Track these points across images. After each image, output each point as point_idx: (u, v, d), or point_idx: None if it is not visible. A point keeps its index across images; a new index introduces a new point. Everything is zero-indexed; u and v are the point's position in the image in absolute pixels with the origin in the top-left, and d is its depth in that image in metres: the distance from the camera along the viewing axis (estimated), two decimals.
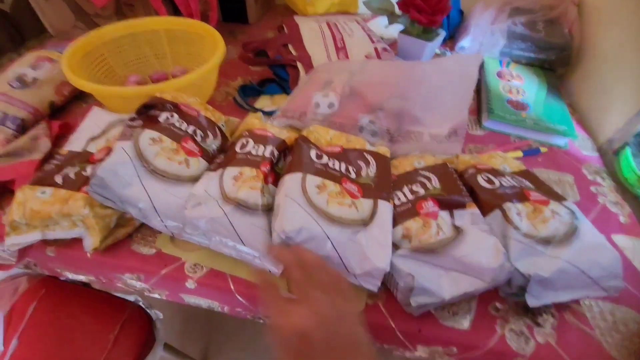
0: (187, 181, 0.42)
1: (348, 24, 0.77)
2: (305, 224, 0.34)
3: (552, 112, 0.64)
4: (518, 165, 0.51)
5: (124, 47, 0.64)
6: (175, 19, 0.66)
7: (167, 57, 0.70)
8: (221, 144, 0.48)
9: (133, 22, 0.64)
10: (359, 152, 0.45)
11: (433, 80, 0.51)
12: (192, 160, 0.44)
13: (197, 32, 0.66)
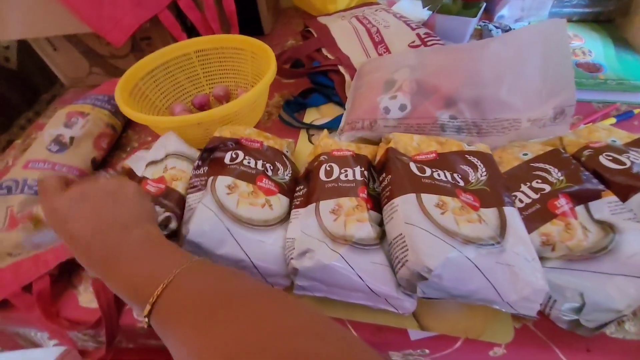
0: (275, 224, 0.37)
1: (378, 14, 0.71)
2: (449, 254, 0.29)
3: (630, 67, 0.58)
4: (627, 135, 0.45)
5: (159, 78, 0.60)
6: (206, 37, 0.61)
7: (201, 79, 0.65)
8: (292, 173, 0.43)
9: (164, 51, 0.59)
10: (459, 155, 0.40)
11: (511, 57, 0.45)
12: (273, 199, 0.38)
13: (233, 46, 0.62)
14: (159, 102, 0.61)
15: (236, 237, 0.34)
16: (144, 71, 0.58)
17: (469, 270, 0.29)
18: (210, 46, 0.63)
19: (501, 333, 0.33)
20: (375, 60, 0.59)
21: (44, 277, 0.39)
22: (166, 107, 0.63)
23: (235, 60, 0.64)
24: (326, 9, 0.80)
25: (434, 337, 0.34)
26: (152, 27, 0.65)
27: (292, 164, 0.45)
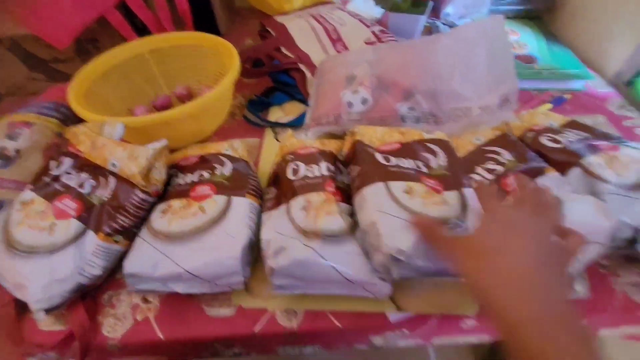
0: (209, 227, 0.36)
1: (334, 13, 0.72)
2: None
3: (560, 58, 0.64)
4: (561, 117, 0.50)
5: (114, 81, 0.56)
6: (161, 36, 0.59)
7: (158, 79, 0.62)
8: (233, 165, 0.43)
9: (116, 51, 0.56)
10: (420, 144, 0.42)
11: (460, 51, 0.49)
12: (207, 202, 0.38)
13: (190, 44, 0.60)
14: (117, 105, 0.58)
15: (170, 256, 0.34)
16: (97, 74, 0.54)
17: None
18: (166, 45, 0.60)
19: (471, 305, 0.36)
20: (335, 57, 0.61)
21: (9, 303, 0.36)
22: (125, 111, 0.59)
23: (194, 57, 0.61)
24: (282, 9, 0.80)
25: (411, 317, 0.36)
26: (98, 28, 0.61)
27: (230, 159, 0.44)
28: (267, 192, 0.42)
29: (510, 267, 0.24)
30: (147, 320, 0.36)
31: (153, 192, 0.40)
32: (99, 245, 0.36)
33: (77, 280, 0.35)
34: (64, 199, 0.37)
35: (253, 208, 0.39)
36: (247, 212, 0.38)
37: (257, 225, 0.39)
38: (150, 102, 0.62)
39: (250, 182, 0.42)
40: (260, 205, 0.41)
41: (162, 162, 0.41)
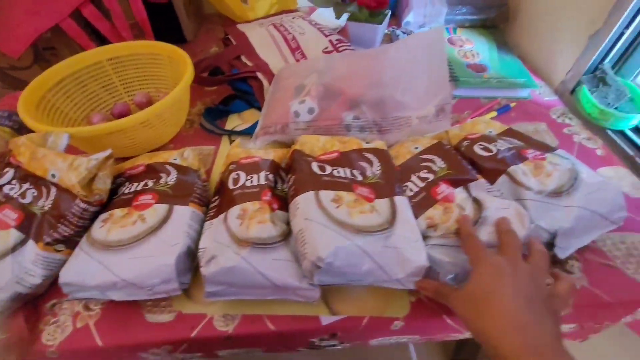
0: (147, 235, 0.37)
1: (294, 22, 0.74)
2: (339, 243, 0.33)
3: (509, 67, 0.67)
4: (500, 126, 0.52)
5: (70, 89, 0.57)
6: (119, 45, 0.60)
7: (118, 87, 0.63)
8: (178, 174, 0.44)
9: (72, 60, 0.57)
10: (358, 153, 0.44)
11: (404, 62, 0.51)
12: (148, 212, 0.39)
13: (148, 52, 0.61)
14: (72, 113, 0.58)
15: (106, 264, 0.35)
16: (52, 82, 0.55)
17: (359, 255, 0.33)
18: (124, 53, 0.61)
19: (399, 308, 0.38)
20: (292, 66, 0.62)
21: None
22: (82, 119, 0.60)
23: (153, 65, 0.63)
24: (246, 17, 0.81)
25: (343, 319, 0.37)
26: (55, 36, 0.62)
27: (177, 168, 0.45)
28: (214, 201, 0.43)
29: (500, 309, 0.28)
30: (86, 327, 0.37)
31: (96, 202, 0.40)
32: (39, 255, 0.37)
33: (15, 289, 0.36)
34: (5, 209, 0.38)
35: (195, 217, 0.41)
36: (187, 220, 0.39)
37: (199, 233, 0.40)
38: (109, 110, 0.62)
39: (195, 191, 0.43)
40: (205, 214, 0.42)
41: (106, 172, 0.42)
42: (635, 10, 0.54)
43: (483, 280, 0.30)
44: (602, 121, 0.58)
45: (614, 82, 0.58)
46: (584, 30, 0.60)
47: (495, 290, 0.29)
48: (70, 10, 0.56)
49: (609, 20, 0.56)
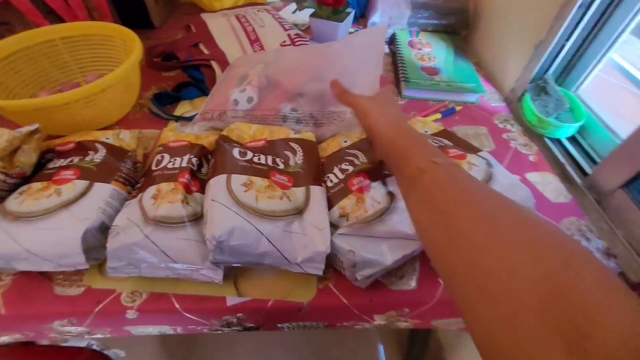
0: (59, 208, 0.37)
1: (258, 14, 0.75)
2: (236, 224, 0.33)
3: (461, 72, 0.69)
4: (437, 126, 0.54)
5: (17, 65, 0.57)
6: (72, 24, 0.60)
7: (72, 67, 0.63)
8: (105, 153, 0.45)
9: (22, 36, 0.57)
10: (284, 142, 0.45)
11: (345, 57, 0.52)
12: (65, 187, 0.39)
13: (101, 34, 0.61)
14: (19, 89, 0.58)
15: (13, 234, 0.35)
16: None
17: (256, 237, 0.34)
18: (77, 33, 0.61)
19: (305, 293, 0.39)
20: (245, 57, 0.63)
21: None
22: (29, 96, 0.60)
23: (107, 47, 0.63)
24: (212, 7, 0.82)
25: (248, 302, 0.38)
26: (9, 11, 0.61)
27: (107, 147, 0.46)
28: (140, 182, 0.44)
29: (388, 110, 0.40)
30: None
31: (15, 174, 0.41)
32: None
33: None
34: None
35: (117, 195, 0.41)
36: (105, 197, 0.40)
37: (117, 211, 0.40)
38: (59, 88, 0.62)
39: (121, 170, 0.44)
40: (129, 193, 0.43)
41: (31, 146, 0.43)
42: (574, 23, 0.55)
43: (384, 94, 0.44)
44: (541, 129, 0.59)
45: (554, 92, 0.60)
46: (530, 40, 0.62)
47: (393, 99, 0.44)
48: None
49: (551, 31, 0.58)
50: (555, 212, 0.48)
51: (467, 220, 0.24)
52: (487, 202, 0.25)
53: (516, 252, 0.20)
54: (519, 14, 0.65)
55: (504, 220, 0.23)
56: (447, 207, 0.25)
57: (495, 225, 0.22)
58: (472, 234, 0.23)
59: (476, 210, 0.24)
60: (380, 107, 0.40)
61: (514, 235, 0.21)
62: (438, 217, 0.26)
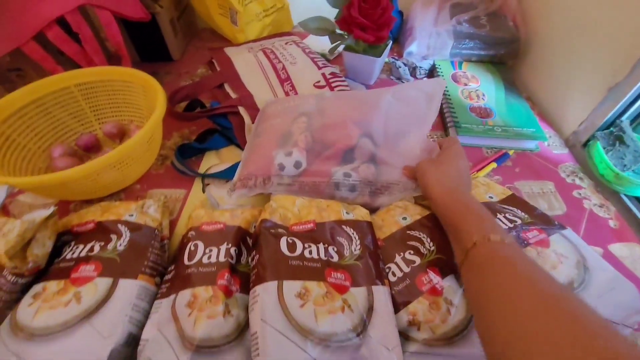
0: (80, 321, 0.31)
1: (287, 48, 0.69)
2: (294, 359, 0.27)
3: (516, 113, 0.61)
4: (502, 190, 0.47)
5: (30, 118, 0.52)
6: (88, 69, 0.55)
7: (88, 114, 0.58)
8: (130, 239, 0.38)
9: (35, 86, 0.51)
10: (336, 225, 0.38)
11: (399, 111, 0.45)
12: (85, 288, 0.33)
13: (120, 79, 0.56)
14: (32, 145, 0.53)
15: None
16: (9, 111, 0.50)
17: None
18: (94, 79, 0.56)
19: None
20: (278, 103, 0.57)
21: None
22: (43, 150, 0.55)
23: (126, 93, 0.58)
24: (235, 39, 0.76)
25: None
26: (21, 57, 0.56)
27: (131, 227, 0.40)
28: (169, 271, 0.38)
29: (446, 172, 0.40)
30: None
31: (28, 271, 0.35)
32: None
33: None
34: None
35: (144, 292, 0.35)
36: (132, 299, 0.34)
37: (147, 313, 0.34)
38: (75, 139, 0.57)
39: (149, 257, 0.38)
40: (158, 286, 0.37)
41: (47, 233, 0.37)
42: None
43: (446, 155, 0.42)
44: (617, 185, 0.52)
45: (632, 142, 0.52)
46: (603, 81, 0.54)
47: (449, 162, 0.41)
48: (32, 33, 0.50)
49: (632, 73, 0.50)
50: None
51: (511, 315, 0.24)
52: (539, 295, 0.25)
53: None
54: (589, 50, 0.58)
55: (552, 319, 0.22)
56: (494, 294, 0.26)
57: (541, 322, 0.22)
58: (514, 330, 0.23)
59: (526, 302, 0.24)
60: (440, 167, 0.40)
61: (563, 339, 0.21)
62: (483, 303, 0.27)
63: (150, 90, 0.54)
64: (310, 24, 0.64)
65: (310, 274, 0.33)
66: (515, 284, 0.26)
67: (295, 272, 0.33)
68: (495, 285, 0.27)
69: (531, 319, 0.23)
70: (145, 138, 0.47)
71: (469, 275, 0.30)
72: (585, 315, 0.22)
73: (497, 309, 0.25)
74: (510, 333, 0.23)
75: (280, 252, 0.34)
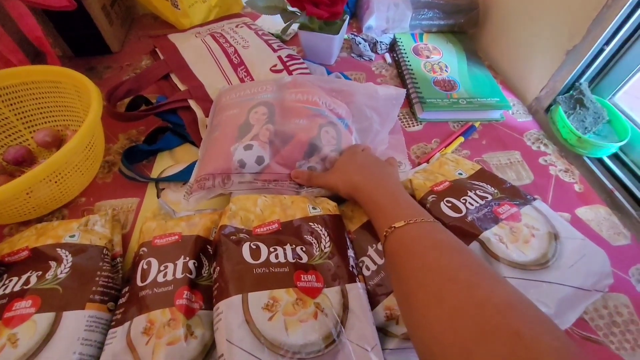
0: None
1: (238, 31, 0.63)
2: None
3: (480, 83, 0.60)
4: (471, 166, 0.46)
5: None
6: (5, 71, 0.47)
7: (14, 123, 0.51)
8: (72, 265, 0.34)
9: None
10: (303, 223, 0.36)
11: (367, 105, 0.42)
12: (22, 328, 0.29)
13: (45, 79, 0.49)
14: None
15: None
16: None
17: None
18: (15, 81, 0.49)
19: None
20: (233, 90, 0.52)
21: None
22: None
23: (57, 95, 0.51)
24: (180, 24, 0.69)
25: None
26: None
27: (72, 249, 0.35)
28: (123, 294, 0.34)
29: (358, 170, 0.38)
30: None
31: None
32: None
33: None
34: None
35: (95, 322, 0.31)
36: (80, 333, 0.30)
37: (101, 345, 0.31)
38: (1, 153, 0.50)
39: (98, 282, 0.34)
40: (112, 312, 0.33)
41: None
42: (617, 26, 0.47)
43: (347, 160, 0.40)
44: (580, 149, 0.52)
45: (592, 104, 0.52)
46: (561, 45, 0.54)
47: (354, 158, 0.40)
48: None
49: (589, 35, 0.50)
50: (620, 259, 0.41)
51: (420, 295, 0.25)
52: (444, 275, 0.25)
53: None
54: (546, 15, 0.56)
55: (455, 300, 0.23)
56: (404, 272, 0.27)
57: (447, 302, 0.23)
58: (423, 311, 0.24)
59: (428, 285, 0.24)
60: (359, 170, 0.39)
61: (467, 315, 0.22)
62: (396, 281, 0.28)
63: (83, 89, 0.47)
64: (259, 3, 0.58)
65: (277, 281, 0.30)
66: (413, 273, 0.26)
67: (260, 281, 0.30)
68: (398, 277, 0.27)
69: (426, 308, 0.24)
70: (82, 144, 0.41)
71: (386, 268, 0.32)
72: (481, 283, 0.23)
73: (402, 300, 0.27)
74: (414, 327, 0.24)
75: (243, 261, 0.31)
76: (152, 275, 0.32)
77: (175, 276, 0.31)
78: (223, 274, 0.30)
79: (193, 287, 0.32)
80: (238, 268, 0.31)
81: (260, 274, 0.30)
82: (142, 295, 0.31)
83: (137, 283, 0.32)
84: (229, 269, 0.31)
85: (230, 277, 0.30)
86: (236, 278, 0.30)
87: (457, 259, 0.26)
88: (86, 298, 0.32)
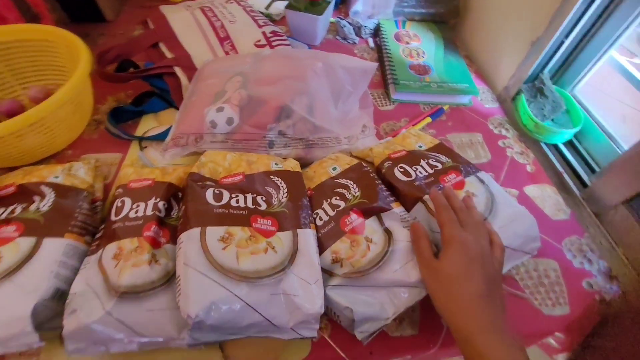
0: (2, 279, 0.31)
1: (227, 6, 0.66)
2: (216, 297, 0.29)
3: (453, 70, 0.64)
4: (431, 140, 0.50)
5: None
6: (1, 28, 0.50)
7: (8, 79, 0.54)
8: (55, 199, 0.38)
9: None
10: (265, 176, 0.39)
11: (340, 75, 0.46)
12: (5, 249, 0.33)
13: (39, 38, 0.52)
14: None
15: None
16: None
17: (240, 309, 0.29)
18: (9, 38, 0.51)
19: (299, 350, 0.35)
20: (215, 63, 0.55)
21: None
22: None
23: (49, 55, 0.54)
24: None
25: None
26: None
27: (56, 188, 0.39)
28: (100, 229, 0.37)
29: (465, 296, 0.31)
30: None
31: None
32: None
33: None
34: None
35: (72, 250, 0.35)
36: (58, 257, 0.34)
37: (76, 270, 0.35)
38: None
39: (76, 218, 0.37)
40: (88, 244, 0.37)
41: None
42: (575, 19, 0.51)
43: (455, 261, 0.32)
44: (537, 134, 0.56)
45: (551, 94, 0.56)
46: (526, 36, 0.57)
47: (466, 275, 0.31)
48: None
49: (550, 27, 0.53)
50: (556, 231, 0.45)
51: None
52: None
53: None
54: (514, 7, 0.60)
55: None
56: None
57: None
58: None
59: None
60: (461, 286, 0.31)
61: None
62: None
63: (75, 50, 0.50)
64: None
65: (234, 220, 0.34)
66: None
67: (219, 218, 0.34)
68: None
69: None
70: (67, 96, 0.44)
71: None
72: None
73: None
74: None
75: (206, 202, 0.35)
76: (125, 212, 0.35)
77: (146, 213, 0.35)
78: (187, 212, 0.34)
79: (161, 225, 0.35)
80: (201, 207, 0.34)
81: (219, 213, 0.34)
82: (115, 227, 0.34)
83: (111, 218, 0.35)
84: (192, 207, 0.34)
85: (193, 214, 0.34)
86: (198, 214, 0.34)
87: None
88: (65, 229, 0.36)
